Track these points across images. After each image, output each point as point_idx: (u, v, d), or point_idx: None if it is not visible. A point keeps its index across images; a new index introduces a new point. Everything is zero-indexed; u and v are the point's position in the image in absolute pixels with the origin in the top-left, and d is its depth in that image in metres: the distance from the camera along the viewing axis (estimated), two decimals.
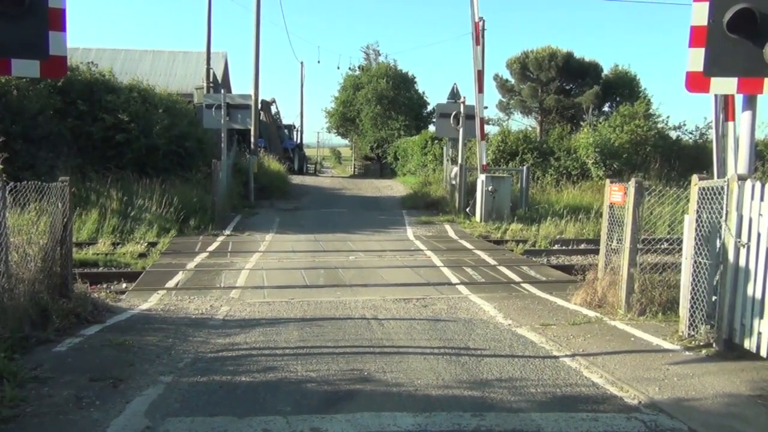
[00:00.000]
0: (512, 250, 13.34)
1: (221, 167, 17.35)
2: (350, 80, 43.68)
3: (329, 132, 50.74)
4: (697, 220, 6.22)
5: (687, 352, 5.92)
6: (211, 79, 23.11)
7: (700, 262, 6.18)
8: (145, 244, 13.18)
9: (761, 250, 5.55)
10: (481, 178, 17.36)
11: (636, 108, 23.92)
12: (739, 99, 6.51)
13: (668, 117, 43.77)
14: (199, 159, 19.18)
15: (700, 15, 6.03)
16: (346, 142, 58.10)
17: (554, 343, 6.33)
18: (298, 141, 45.32)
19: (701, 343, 6.03)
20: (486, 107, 19.68)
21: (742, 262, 5.78)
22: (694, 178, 6.35)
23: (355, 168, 52.70)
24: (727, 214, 5.90)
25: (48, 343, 5.86)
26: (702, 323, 6.11)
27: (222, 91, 21.02)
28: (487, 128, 21.35)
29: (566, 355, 5.91)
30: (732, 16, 5.84)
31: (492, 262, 11.70)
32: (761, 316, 5.50)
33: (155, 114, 17.95)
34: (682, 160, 22.53)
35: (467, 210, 18.20)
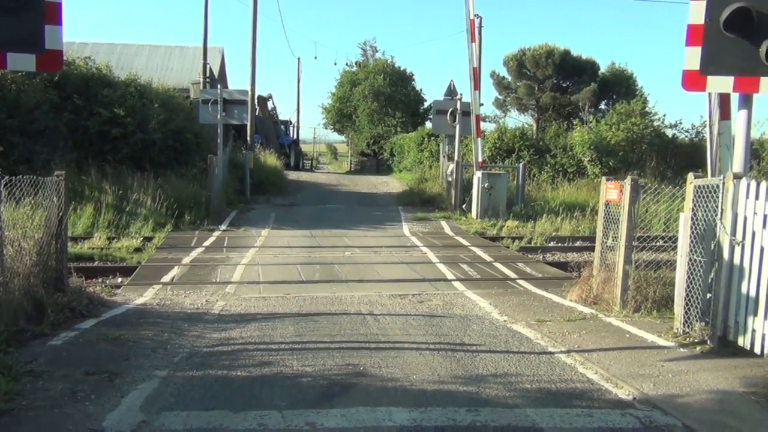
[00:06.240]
0: (508, 247, 13.37)
1: (217, 162, 17.31)
2: (347, 76, 43.65)
3: (326, 128, 50.79)
4: (692, 218, 6.24)
5: (681, 349, 5.95)
6: (207, 75, 23.01)
7: (695, 260, 6.20)
8: (141, 238, 13.18)
9: (756, 248, 5.58)
10: (478, 174, 17.37)
11: (632, 106, 23.95)
12: (734, 97, 6.53)
13: (664, 115, 43.65)
14: (195, 154, 19.14)
15: (697, 13, 6.04)
16: (342, 138, 58.08)
17: (549, 339, 6.35)
18: (295, 137, 45.28)
19: (696, 340, 6.05)
20: (482, 104, 19.71)
21: (736, 260, 5.81)
22: (690, 176, 6.37)
23: (351, 164, 52.73)
24: (722, 213, 5.92)
25: (43, 336, 5.85)
26: (697, 320, 6.14)
27: (218, 86, 20.96)
28: (484, 125, 21.40)
29: (561, 352, 5.93)
30: (729, 14, 5.85)
31: (488, 258, 11.72)
32: (755, 314, 5.53)
33: (152, 109, 17.89)
34: (678, 158, 22.58)
35: (463, 207, 18.22)
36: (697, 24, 6.05)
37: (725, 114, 6.95)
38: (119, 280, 9.96)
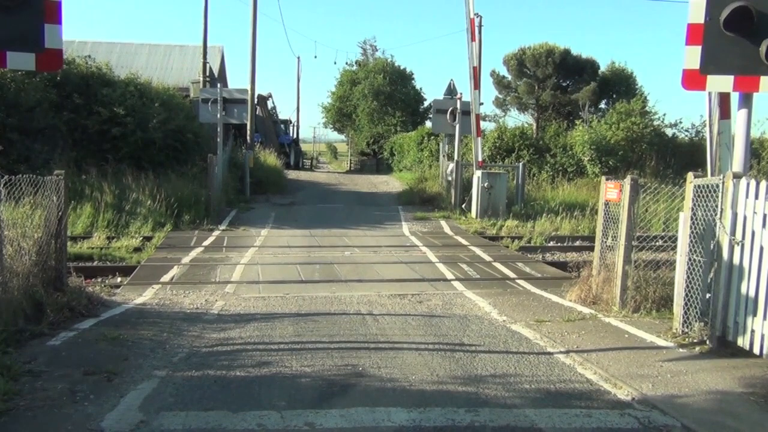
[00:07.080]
0: (507, 247, 13.37)
1: (217, 162, 17.30)
2: (347, 75, 43.68)
3: (325, 127, 50.90)
4: (691, 218, 6.24)
5: (681, 349, 5.95)
6: (207, 74, 23.02)
7: (694, 260, 6.20)
8: (140, 238, 13.17)
9: (755, 248, 5.57)
10: (477, 174, 17.36)
11: (632, 105, 23.94)
12: (734, 97, 6.52)
13: (664, 114, 43.90)
14: (195, 153, 19.14)
15: (697, 12, 6.04)
16: (342, 137, 58.11)
17: (549, 339, 6.34)
18: (295, 136, 45.29)
19: (695, 341, 6.05)
20: (482, 103, 19.70)
21: (736, 260, 5.80)
22: (690, 175, 6.37)
23: (351, 163, 52.71)
24: (721, 212, 5.92)
25: (42, 336, 5.85)
26: (696, 320, 6.14)
27: (218, 85, 20.92)
28: (484, 124, 21.39)
29: (560, 352, 5.92)
30: (729, 13, 5.85)
31: (487, 258, 11.71)
32: (754, 314, 5.53)
33: (152, 108, 17.89)
34: (678, 157, 22.58)
35: (463, 206, 18.21)
36: (697, 23, 6.05)
37: (725, 113, 6.94)
38: (118, 279, 9.96)
